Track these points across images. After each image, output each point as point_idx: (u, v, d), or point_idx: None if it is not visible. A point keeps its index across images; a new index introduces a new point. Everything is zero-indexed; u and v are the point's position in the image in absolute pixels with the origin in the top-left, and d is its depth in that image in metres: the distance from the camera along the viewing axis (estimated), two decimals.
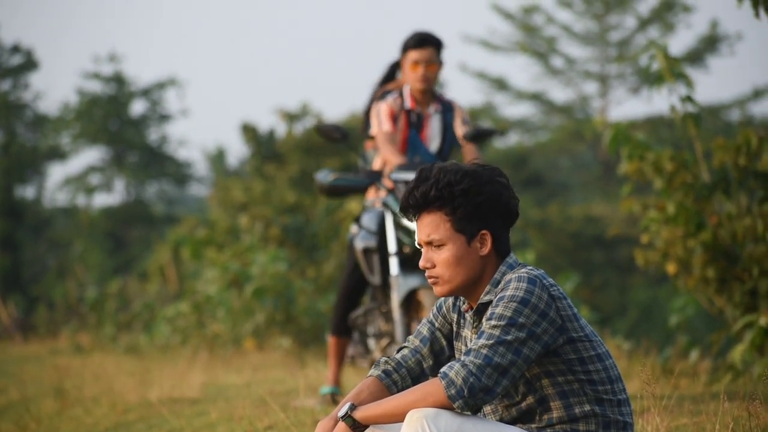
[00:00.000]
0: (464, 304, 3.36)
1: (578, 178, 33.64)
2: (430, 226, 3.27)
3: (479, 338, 3.14)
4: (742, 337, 6.89)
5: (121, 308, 16.65)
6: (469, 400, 3.09)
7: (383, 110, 6.16)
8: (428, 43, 6.15)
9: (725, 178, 7.25)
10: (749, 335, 6.74)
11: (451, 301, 3.41)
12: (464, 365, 3.10)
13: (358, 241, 6.22)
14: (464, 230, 3.25)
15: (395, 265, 5.95)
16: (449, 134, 6.28)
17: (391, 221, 5.99)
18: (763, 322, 6.67)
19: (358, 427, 3.20)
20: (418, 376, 3.37)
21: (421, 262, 3.30)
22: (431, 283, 3.29)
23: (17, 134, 31.71)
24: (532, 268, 3.24)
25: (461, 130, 6.26)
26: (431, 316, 3.43)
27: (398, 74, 6.42)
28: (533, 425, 3.23)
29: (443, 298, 3.41)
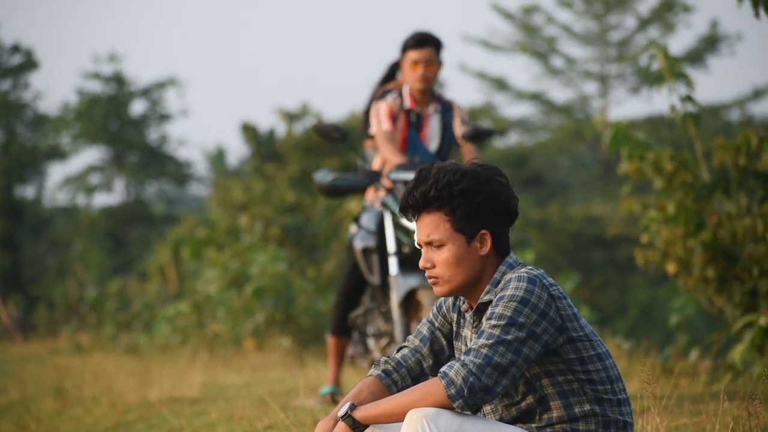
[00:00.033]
0: (464, 303, 3.36)
1: (578, 178, 33.63)
2: (429, 226, 3.27)
3: (479, 338, 3.14)
4: (742, 337, 6.89)
5: (121, 308, 16.64)
6: (469, 399, 3.09)
7: (383, 110, 6.15)
8: (428, 43, 6.15)
9: (725, 177, 7.25)
10: (749, 335, 6.74)
11: (450, 300, 3.41)
12: (464, 365, 3.10)
13: (357, 240, 6.22)
14: (464, 230, 3.25)
15: (394, 264, 5.95)
16: (448, 134, 6.28)
17: (390, 221, 5.99)
18: (763, 322, 6.67)
19: (357, 426, 3.20)
20: (417, 375, 3.36)
21: (420, 262, 3.29)
22: (431, 283, 3.29)
23: (17, 134, 31.69)
24: (531, 267, 3.23)
25: (460, 129, 6.26)
26: (431, 315, 3.43)
27: (398, 74, 6.42)
28: (533, 425, 3.22)
29: (443, 297, 3.41)
